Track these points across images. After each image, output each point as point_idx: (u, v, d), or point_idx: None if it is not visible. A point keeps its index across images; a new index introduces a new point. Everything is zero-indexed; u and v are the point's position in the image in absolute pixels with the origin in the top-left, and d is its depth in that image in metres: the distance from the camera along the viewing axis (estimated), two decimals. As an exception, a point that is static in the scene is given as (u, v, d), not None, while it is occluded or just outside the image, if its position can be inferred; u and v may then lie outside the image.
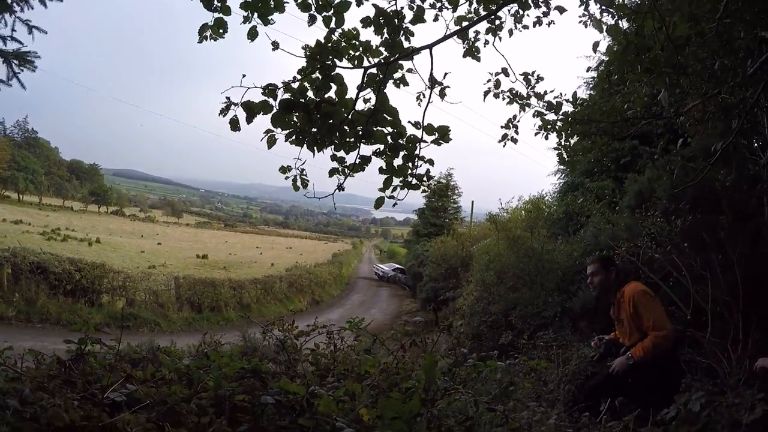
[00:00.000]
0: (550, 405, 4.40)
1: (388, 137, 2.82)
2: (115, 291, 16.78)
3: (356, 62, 3.02)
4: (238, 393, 2.39)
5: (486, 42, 3.71)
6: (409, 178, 2.95)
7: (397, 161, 2.90)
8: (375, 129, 2.79)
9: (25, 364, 2.55)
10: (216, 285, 20.52)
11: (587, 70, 12.70)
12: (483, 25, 3.90)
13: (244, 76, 2.89)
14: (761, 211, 4.55)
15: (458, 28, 3.32)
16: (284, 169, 3.38)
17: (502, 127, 4.94)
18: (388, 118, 2.73)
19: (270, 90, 2.77)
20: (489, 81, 4.54)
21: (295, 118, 2.88)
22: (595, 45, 3.70)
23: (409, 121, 2.79)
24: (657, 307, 3.61)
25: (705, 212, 4.94)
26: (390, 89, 2.98)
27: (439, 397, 1.83)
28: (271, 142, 3.15)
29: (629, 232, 5.89)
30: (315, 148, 3.09)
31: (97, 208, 77.74)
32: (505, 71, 3.84)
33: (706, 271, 4.44)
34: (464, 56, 3.62)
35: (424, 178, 2.97)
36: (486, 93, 4.65)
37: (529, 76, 4.63)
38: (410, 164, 2.91)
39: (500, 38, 4.26)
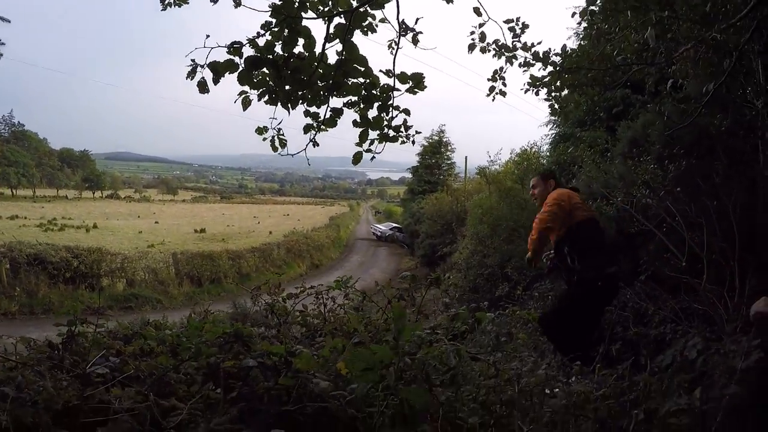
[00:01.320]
0: (546, 354, 4.43)
1: (362, 89, 2.69)
2: (114, 273, 16.86)
3: (327, 18, 2.87)
4: (227, 359, 2.38)
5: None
6: (386, 130, 2.84)
7: (372, 113, 2.78)
8: (347, 81, 2.66)
9: (23, 352, 2.54)
10: (214, 257, 20.64)
11: (573, 15, 12.24)
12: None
13: (207, 36, 2.74)
14: (756, 159, 4.42)
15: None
16: (260, 130, 3.27)
17: (488, 79, 4.85)
18: (360, 68, 2.60)
19: (235, 48, 2.63)
20: (473, 33, 4.42)
21: (263, 76, 2.74)
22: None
23: (380, 70, 2.66)
24: (554, 205, 4.01)
25: (700, 157, 4.81)
26: (364, 45, 2.83)
27: (425, 346, 1.79)
28: (246, 103, 3.04)
29: (623, 181, 5.78)
30: (289, 105, 2.97)
31: (92, 194, 77.30)
32: (477, 11, 3.64)
33: (701, 217, 4.33)
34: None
35: (401, 129, 2.87)
36: (471, 47, 4.52)
37: (513, 24, 4.47)
38: (385, 115, 2.79)
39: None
